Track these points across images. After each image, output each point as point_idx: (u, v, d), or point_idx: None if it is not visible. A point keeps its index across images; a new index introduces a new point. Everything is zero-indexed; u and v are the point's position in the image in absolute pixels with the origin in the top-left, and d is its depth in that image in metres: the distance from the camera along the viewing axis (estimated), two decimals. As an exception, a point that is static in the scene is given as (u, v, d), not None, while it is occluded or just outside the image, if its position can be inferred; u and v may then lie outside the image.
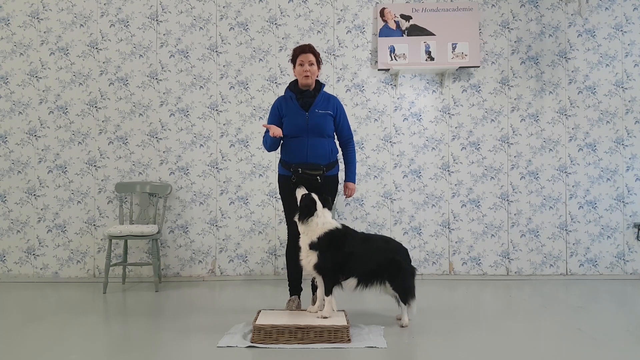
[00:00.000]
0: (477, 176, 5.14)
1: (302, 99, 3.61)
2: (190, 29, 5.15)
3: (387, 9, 5.08)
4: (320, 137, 3.58)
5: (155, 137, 5.12)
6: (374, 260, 3.32)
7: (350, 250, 3.29)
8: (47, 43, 5.11)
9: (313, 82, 3.64)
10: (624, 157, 5.12)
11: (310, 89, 3.64)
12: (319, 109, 3.60)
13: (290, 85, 3.71)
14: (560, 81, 5.15)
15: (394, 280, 3.33)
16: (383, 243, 3.44)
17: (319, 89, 3.68)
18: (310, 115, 3.57)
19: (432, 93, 5.16)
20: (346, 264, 3.28)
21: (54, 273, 5.06)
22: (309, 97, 3.62)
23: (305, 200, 3.33)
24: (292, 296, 3.73)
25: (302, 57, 3.60)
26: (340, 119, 3.69)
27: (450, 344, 3.02)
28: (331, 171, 3.65)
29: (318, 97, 3.63)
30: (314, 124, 3.56)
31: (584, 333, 3.23)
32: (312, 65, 3.60)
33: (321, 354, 2.84)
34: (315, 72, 3.62)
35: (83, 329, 3.40)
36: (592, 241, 5.09)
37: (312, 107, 3.59)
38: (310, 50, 3.62)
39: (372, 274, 3.32)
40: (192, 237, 5.10)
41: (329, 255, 3.26)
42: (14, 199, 5.07)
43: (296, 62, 3.63)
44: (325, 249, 3.25)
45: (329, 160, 3.62)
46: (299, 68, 3.61)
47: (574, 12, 5.13)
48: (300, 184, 3.48)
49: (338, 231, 3.33)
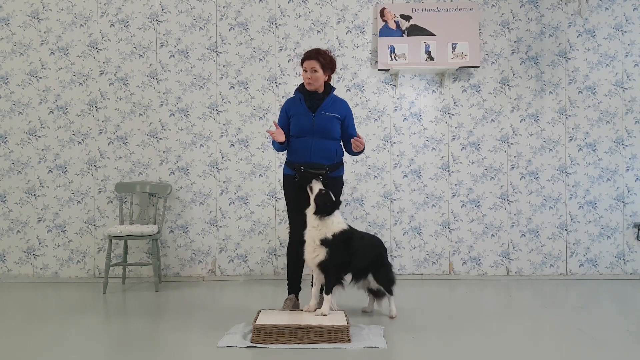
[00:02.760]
0: (477, 176, 5.14)
1: (310, 101, 3.64)
2: (190, 29, 5.15)
3: (387, 9, 5.08)
4: (325, 138, 3.62)
5: (155, 137, 5.12)
6: (367, 257, 3.52)
7: (354, 250, 3.41)
8: (47, 43, 5.11)
9: (318, 88, 3.66)
10: (624, 157, 5.12)
11: (318, 92, 3.67)
12: (326, 111, 3.63)
13: (300, 86, 3.74)
14: (560, 81, 5.15)
15: (378, 273, 3.55)
16: (371, 239, 3.66)
17: (328, 92, 3.71)
18: (317, 117, 3.61)
19: (432, 93, 5.17)
20: (350, 262, 3.41)
21: (54, 273, 5.06)
22: (317, 99, 3.65)
23: (326, 197, 3.37)
24: (290, 295, 3.75)
25: (306, 63, 3.62)
26: (348, 123, 3.73)
27: (450, 344, 3.02)
28: (336, 172, 3.68)
29: (327, 99, 3.67)
30: (319, 126, 3.60)
31: (584, 333, 3.23)
32: (315, 72, 3.60)
33: (321, 354, 2.84)
34: (318, 79, 3.63)
35: (83, 329, 3.40)
36: (592, 241, 5.09)
37: (320, 109, 3.63)
38: (315, 57, 3.61)
39: (363, 269, 3.53)
40: (192, 237, 5.10)
41: (339, 254, 3.32)
42: (14, 199, 5.07)
43: (302, 67, 3.66)
44: (336, 248, 3.31)
45: (332, 161, 3.65)
46: (303, 74, 3.65)
47: (574, 12, 5.13)
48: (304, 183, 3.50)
49: (348, 231, 3.42)
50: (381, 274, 3.55)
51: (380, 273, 3.55)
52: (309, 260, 3.38)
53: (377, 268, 3.55)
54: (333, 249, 3.30)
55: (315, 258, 3.33)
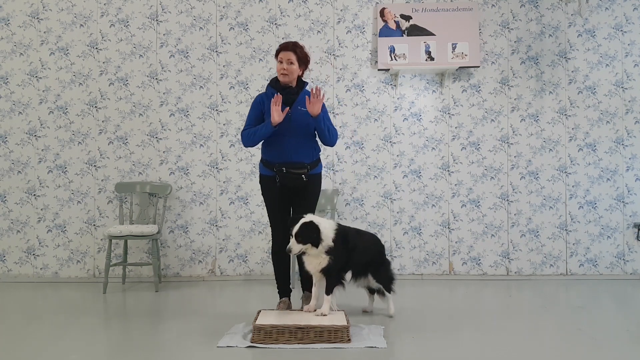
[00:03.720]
0: (477, 176, 5.14)
1: (284, 96, 3.50)
2: (190, 29, 5.15)
3: (387, 9, 5.08)
4: (303, 135, 3.52)
5: (155, 137, 5.12)
6: (366, 254, 3.50)
7: (353, 246, 3.39)
8: (47, 43, 5.11)
9: (292, 81, 3.55)
10: (624, 157, 5.12)
11: (292, 87, 3.56)
12: (301, 107, 3.50)
13: (272, 81, 3.62)
14: (560, 81, 5.15)
15: (377, 271, 3.54)
16: (370, 236, 3.64)
17: (301, 87, 3.60)
18: (293, 113, 3.49)
19: (432, 93, 5.16)
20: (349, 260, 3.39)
21: (54, 273, 5.06)
22: (291, 95, 3.53)
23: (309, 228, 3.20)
24: (282, 298, 3.65)
25: (282, 54, 3.50)
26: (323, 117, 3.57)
27: (450, 344, 3.02)
28: (315, 169, 3.59)
29: (300, 94, 3.55)
30: (297, 122, 3.49)
31: (584, 333, 3.23)
32: (291, 65, 3.49)
33: (321, 354, 2.84)
34: (294, 72, 3.51)
35: (83, 329, 3.40)
36: (592, 241, 5.09)
37: (295, 104, 3.52)
38: (293, 49, 3.51)
39: (363, 267, 3.51)
40: (192, 237, 5.10)
41: (339, 255, 3.29)
42: (14, 199, 5.07)
43: (277, 59, 3.54)
44: (337, 250, 3.27)
45: (312, 158, 3.58)
46: (278, 65, 3.52)
47: (574, 12, 5.13)
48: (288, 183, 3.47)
49: (341, 229, 3.37)
50: (381, 273, 3.56)
51: (379, 272, 3.56)
52: (312, 269, 3.31)
53: (377, 267, 3.55)
54: (336, 253, 3.26)
55: (318, 265, 3.28)
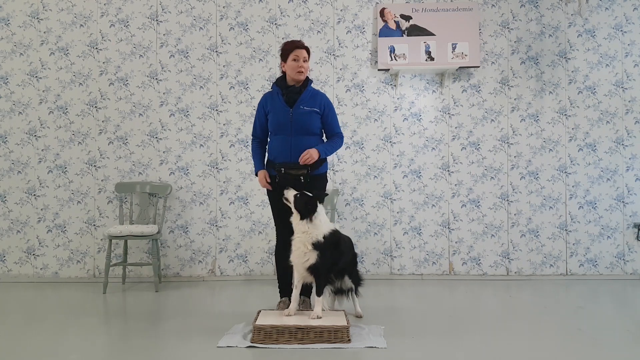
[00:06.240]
0: (477, 176, 5.14)
1: (287, 95, 3.50)
2: (190, 29, 5.15)
3: (387, 9, 5.08)
4: (305, 134, 3.48)
5: (155, 137, 5.12)
6: (347, 256, 3.51)
7: (342, 249, 3.39)
8: (47, 43, 5.11)
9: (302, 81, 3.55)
10: (624, 157, 5.12)
11: (295, 85, 3.54)
12: (304, 106, 3.49)
13: (277, 80, 3.60)
14: (560, 81, 5.15)
15: (352, 273, 3.55)
16: (349, 240, 3.63)
17: (306, 85, 3.57)
18: (295, 112, 3.48)
19: (432, 93, 5.17)
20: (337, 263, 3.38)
21: (54, 273, 5.06)
22: (294, 93, 3.51)
23: (303, 198, 3.25)
24: (282, 297, 3.65)
25: (297, 52, 3.48)
26: (328, 116, 3.58)
27: (450, 344, 3.02)
28: (318, 170, 3.53)
29: (304, 93, 3.52)
30: (297, 121, 3.46)
31: (584, 333, 3.23)
32: (305, 62, 3.51)
33: (321, 354, 2.84)
34: (307, 69, 3.55)
35: (83, 329, 3.40)
36: (592, 241, 5.09)
37: (297, 103, 3.49)
38: (305, 47, 3.54)
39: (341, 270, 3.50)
40: (192, 237, 5.10)
41: (329, 255, 3.26)
42: (14, 199, 5.07)
43: (289, 57, 3.50)
44: (327, 249, 3.24)
45: None
46: (294, 63, 3.48)
47: (574, 12, 5.13)
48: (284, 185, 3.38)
49: (337, 233, 3.37)
50: (355, 274, 3.57)
51: (354, 273, 3.57)
52: (299, 265, 3.25)
53: (352, 269, 3.56)
54: (324, 251, 3.22)
55: (305, 262, 3.21)
